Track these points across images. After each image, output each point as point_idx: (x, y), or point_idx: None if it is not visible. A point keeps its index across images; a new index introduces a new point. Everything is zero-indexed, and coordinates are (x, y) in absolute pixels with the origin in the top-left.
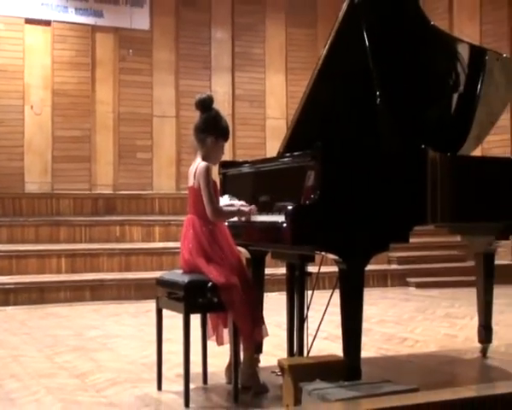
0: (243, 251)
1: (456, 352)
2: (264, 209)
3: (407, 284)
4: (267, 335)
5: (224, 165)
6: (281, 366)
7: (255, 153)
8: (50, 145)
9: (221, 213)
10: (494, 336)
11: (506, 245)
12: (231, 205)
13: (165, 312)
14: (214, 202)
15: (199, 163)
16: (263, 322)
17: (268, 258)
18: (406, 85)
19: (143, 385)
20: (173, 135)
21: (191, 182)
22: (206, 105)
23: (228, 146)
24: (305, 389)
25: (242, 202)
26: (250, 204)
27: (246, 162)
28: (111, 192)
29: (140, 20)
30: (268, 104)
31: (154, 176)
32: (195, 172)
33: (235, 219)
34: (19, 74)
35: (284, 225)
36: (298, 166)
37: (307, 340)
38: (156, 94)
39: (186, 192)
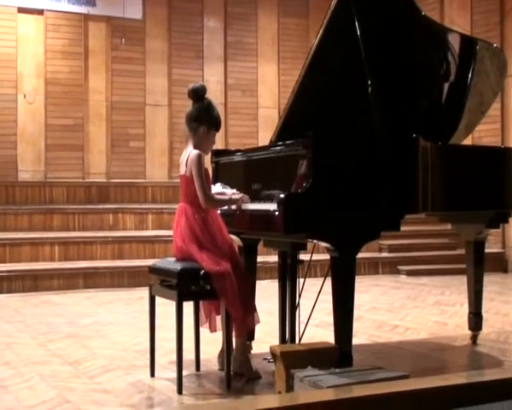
0: (235, 239)
1: (446, 339)
2: (256, 197)
3: (398, 272)
4: (258, 322)
5: (217, 153)
6: (273, 352)
7: (247, 142)
8: (43, 134)
9: (213, 201)
10: (484, 324)
11: (496, 233)
12: (223, 193)
13: (157, 299)
14: (206, 189)
15: (191, 151)
16: (255, 309)
17: (260, 246)
18: (398, 75)
19: (136, 372)
20: (166, 124)
21: (183, 170)
22: (199, 95)
23: (220, 135)
24: (297, 375)
25: (234, 191)
26: (242, 192)
27: (238, 151)
28: (104, 181)
29: (133, 9)
30: (260, 93)
31: (147, 165)
32: (187, 161)
33: (227, 207)
34: (12, 63)
35: (276, 213)
36: (290, 155)
37: (299, 327)
38: (149, 83)
39: (178, 181)
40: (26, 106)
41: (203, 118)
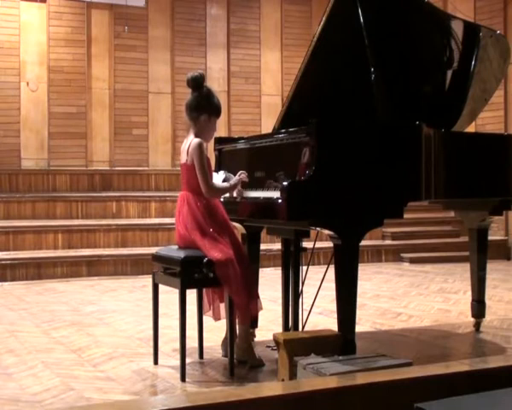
0: (239, 227)
1: (449, 326)
2: (259, 185)
3: (401, 260)
4: (261, 308)
5: (220, 141)
6: (276, 340)
7: (250, 129)
8: (46, 122)
9: (215, 190)
10: (487, 311)
11: (499, 221)
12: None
13: (161, 287)
14: (208, 178)
15: (192, 139)
16: (258, 296)
17: (263, 234)
18: (401, 62)
19: (140, 360)
20: (169, 111)
21: (184, 159)
22: (198, 83)
23: (223, 123)
24: (300, 363)
25: (242, 173)
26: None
27: (241, 138)
28: (107, 168)
29: None
30: (263, 81)
31: (150, 152)
32: (188, 149)
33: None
34: (15, 51)
35: (280, 200)
36: (293, 143)
37: (302, 315)
38: (152, 71)
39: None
40: (29, 94)
41: (203, 106)
